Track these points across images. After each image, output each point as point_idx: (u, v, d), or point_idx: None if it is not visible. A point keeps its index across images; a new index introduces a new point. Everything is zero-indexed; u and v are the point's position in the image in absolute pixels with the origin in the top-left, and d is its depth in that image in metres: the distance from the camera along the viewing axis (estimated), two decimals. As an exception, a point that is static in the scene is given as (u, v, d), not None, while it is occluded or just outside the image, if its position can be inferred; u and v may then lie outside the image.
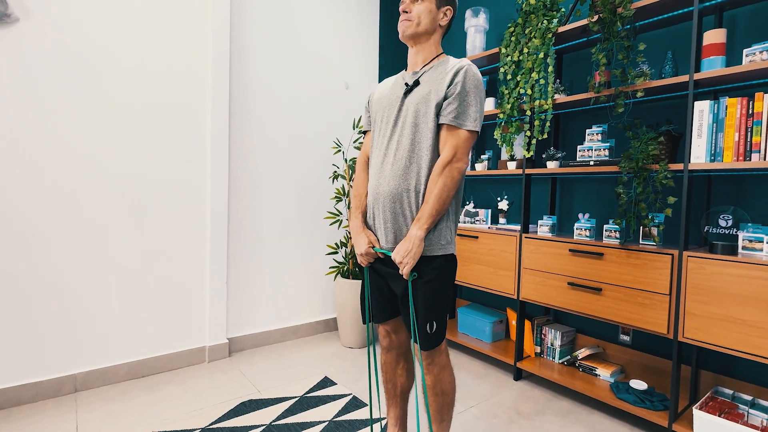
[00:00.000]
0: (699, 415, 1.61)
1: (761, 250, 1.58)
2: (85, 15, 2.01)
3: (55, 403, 1.93)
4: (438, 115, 1.27)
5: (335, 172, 2.76)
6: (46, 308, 1.95)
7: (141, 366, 2.21)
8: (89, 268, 2.06)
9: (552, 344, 2.30)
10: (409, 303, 1.28)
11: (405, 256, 1.22)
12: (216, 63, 2.39)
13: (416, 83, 1.32)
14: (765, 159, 1.52)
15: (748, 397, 1.72)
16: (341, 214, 2.81)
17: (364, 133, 1.54)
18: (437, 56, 1.37)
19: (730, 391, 1.76)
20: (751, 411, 1.64)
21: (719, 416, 1.61)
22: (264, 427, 1.77)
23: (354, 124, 2.85)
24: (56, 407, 1.90)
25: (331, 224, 2.70)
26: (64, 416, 1.83)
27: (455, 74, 1.27)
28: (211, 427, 1.76)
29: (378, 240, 1.36)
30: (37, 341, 1.94)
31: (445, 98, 1.26)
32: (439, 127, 1.28)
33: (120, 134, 2.13)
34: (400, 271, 1.25)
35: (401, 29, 1.34)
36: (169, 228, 2.29)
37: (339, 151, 2.87)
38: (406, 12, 1.32)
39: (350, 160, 2.83)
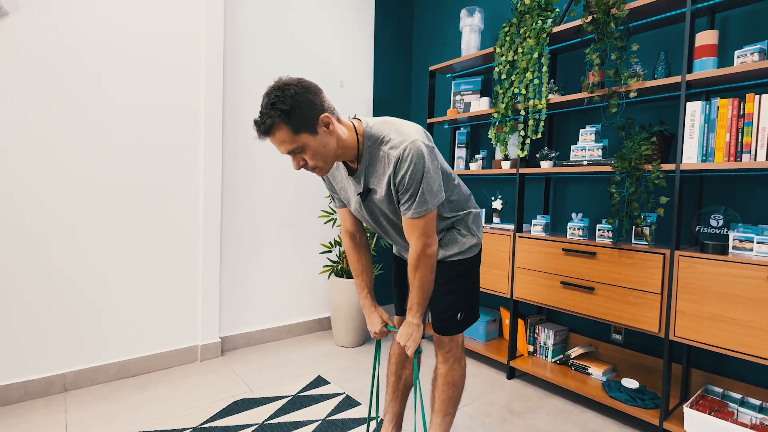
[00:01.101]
0: (689, 413, 1.62)
1: (751, 249, 1.59)
2: (81, 12, 1.98)
3: (45, 403, 1.90)
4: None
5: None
6: (34, 307, 1.93)
7: (132, 365, 2.19)
8: (79, 266, 2.04)
9: (545, 343, 2.31)
10: (415, 373, 1.35)
11: (407, 340, 1.29)
12: (209, 61, 2.37)
13: (367, 191, 1.24)
14: (755, 159, 1.53)
15: (738, 396, 1.73)
16: (335, 212, 2.80)
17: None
18: (358, 141, 1.19)
19: (720, 390, 1.77)
20: (740, 409, 1.66)
21: (709, 414, 1.62)
22: (256, 426, 1.76)
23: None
24: (45, 407, 1.87)
25: (325, 223, 2.69)
26: (53, 416, 1.80)
27: (394, 172, 1.15)
28: (202, 426, 1.74)
29: (397, 284, 1.51)
30: (25, 340, 1.91)
31: (398, 196, 1.20)
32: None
33: (112, 132, 2.10)
34: (406, 351, 1.31)
35: (318, 175, 1.23)
36: (161, 226, 2.27)
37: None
38: (304, 166, 1.15)
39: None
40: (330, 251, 2.73)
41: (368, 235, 2.70)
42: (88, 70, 2.03)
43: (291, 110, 1.05)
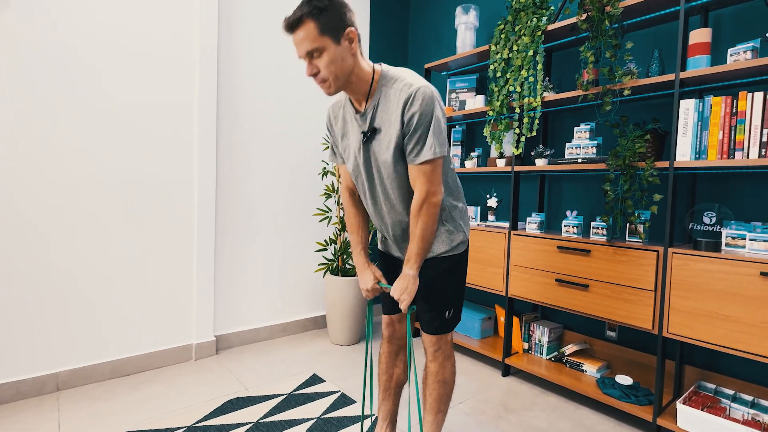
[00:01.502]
0: (682, 409, 1.63)
1: (744, 246, 1.60)
2: (79, 11, 1.96)
3: (37, 402, 1.89)
4: (404, 154, 1.24)
5: (324, 168, 2.74)
6: (27, 305, 1.91)
7: (125, 364, 2.18)
8: (73, 266, 2.02)
9: (540, 340, 2.32)
10: (408, 332, 1.33)
11: (402, 293, 1.27)
12: (203, 60, 2.35)
13: (373, 130, 1.23)
14: (748, 157, 1.54)
15: (730, 392, 1.75)
16: (330, 210, 2.80)
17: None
18: (373, 79, 1.21)
19: (713, 386, 1.79)
20: (732, 405, 1.67)
21: (702, 410, 1.63)
22: (251, 424, 1.75)
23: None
24: (38, 406, 1.86)
25: (320, 221, 2.69)
26: (46, 415, 1.79)
27: (404, 109, 1.16)
28: (197, 425, 1.74)
29: (395, 256, 1.45)
30: (17, 339, 1.90)
31: (404, 136, 1.19)
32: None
33: (105, 130, 2.09)
34: (399, 306, 1.30)
35: (324, 91, 1.19)
36: (154, 224, 2.25)
37: (328, 147, 2.84)
38: (316, 74, 1.15)
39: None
40: (325, 249, 2.72)
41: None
42: (86, 68, 2.01)
43: (324, 9, 1.09)
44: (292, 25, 1.10)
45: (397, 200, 1.30)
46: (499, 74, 2.25)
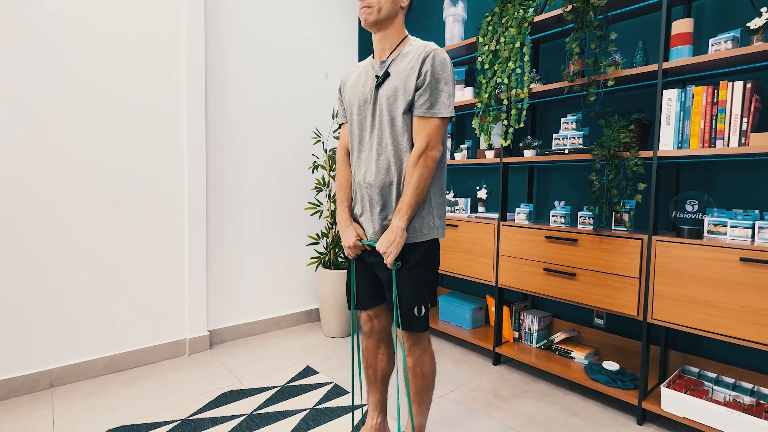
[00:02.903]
0: (667, 393, 1.68)
1: (725, 233, 1.64)
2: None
3: (31, 399, 1.90)
4: (411, 106, 1.28)
5: (315, 162, 2.75)
6: (19, 303, 1.91)
7: (119, 360, 2.19)
8: (63, 261, 2.02)
9: (529, 329, 2.36)
10: (393, 288, 1.31)
11: (389, 246, 1.27)
12: (190, 50, 2.34)
13: (386, 75, 1.30)
14: (728, 146, 1.57)
15: (713, 375, 1.79)
16: (321, 204, 2.81)
17: (341, 124, 1.54)
18: (402, 40, 1.34)
19: (697, 370, 1.83)
20: (715, 387, 1.72)
21: (685, 393, 1.68)
22: (245, 416, 1.77)
23: (333, 114, 2.84)
24: (31, 403, 1.87)
25: (311, 215, 2.70)
26: (39, 412, 1.80)
27: (423, 62, 1.25)
28: (191, 418, 1.76)
29: (365, 231, 1.39)
30: (10, 336, 1.90)
31: (416, 89, 1.25)
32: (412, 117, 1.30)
33: (94, 125, 2.08)
34: (385, 260, 1.29)
35: (363, 17, 1.29)
36: (145, 219, 2.25)
37: (319, 141, 2.85)
38: None
39: (330, 150, 2.82)
40: (317, 243, 2.74)
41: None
42: (74, 57, 1.99)
43: None
44: None
45: (385, 150, 1.31)
46: (486, 66, 2.27)
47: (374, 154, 1.34)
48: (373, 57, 1.40)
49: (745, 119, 1.54)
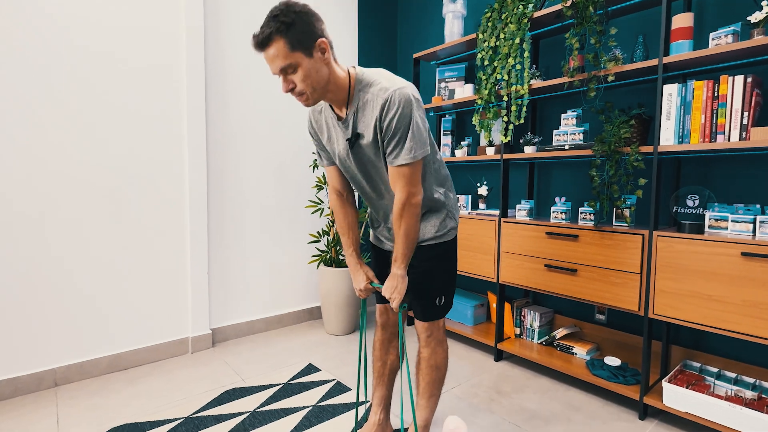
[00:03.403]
0: (668, 388, 1.68)
1: (726, 228, 1.64)
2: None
3: (35, 398, 1.91)
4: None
5: (315, 160, 2.75)
6: (23, 303, 1.92)
7: (122, 359, 2.20)
8: (66, 260, 2.03)
9: (531, 325, 2.36)
10: (400, 329, 1.35)
11: (393, 292, 1.31)
12: (189, 49, 2.34)
13: (356, 135, 1.24)
14: (729, 140, 1.57)
15: (715, 369, 1.80)
16: (323, 202, 2.81)
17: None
18: (350, 84, 1.20)
19: (698, 364, 1.83)
20: (717, 382, 1.72)
21: (687, 388, 1.68)
22: (248, 414, 1.78)
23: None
24: (36, 402, 1.88)
25: (312, 213, 2.70)
26: (44, 410, 1.81)
27: (381, 114, 1.16)
28: (194, 416, 1.77)
29: (386, 238, 1.47)
30: (14, 336, 1.91)
31: (383, 141, 1.20)
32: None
33: (94, 125, 2.08)
34: (391, 305, 1.33)
35: (303, 104, 1.18)
36: (147, 219, 2.26)
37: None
38: (292, 89, 1.14)
39: (330, 149, 2.81)
40: (318, 241, 2.74)
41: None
42: (74, 55, 1.99)
43: (291, 24, 1.06)
44: (262, 43, 1.08)
45: (386, 193, 1.35)
46: (486, 62, 2.26)
47: (375, 196, 1.38)
48: (331, 107, 1.29)
49: (745, 113, 1.54)
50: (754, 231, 1.59)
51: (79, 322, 2.08)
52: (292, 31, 1.06)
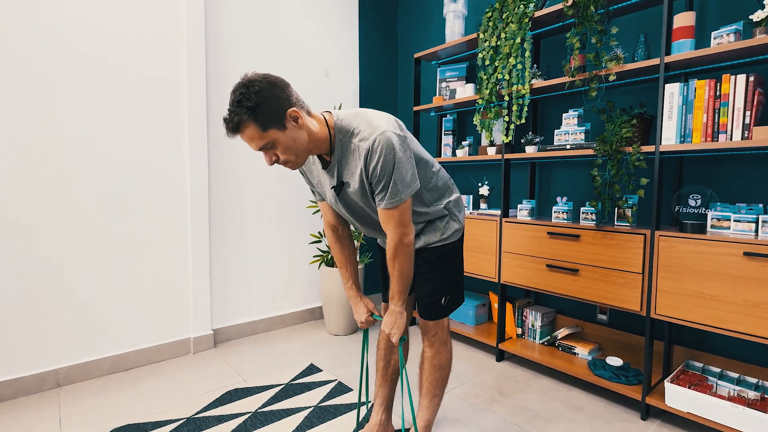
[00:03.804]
0: (670, 388, 1.67)
1: (728, 228, 1.63)
2: None
3: (38, 399, 1.91)
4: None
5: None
6: (25, 303, 1.93)
7: (124, 359, 2.20)
8: (70, 261, 2.03)
9: (533, 325, 2.35)
10: (400, 356, 1.34)
11: (391, 327, 1.31)
12: (190, 49, 2.34)
13: (342, 184, 1.25)
14: (731, 139, 1.57)
15: (717, 370, 1.79)
16: (324, 202, 2.81)
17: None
18: (331, 135, 1.20)
19: (701, 365, 1.83)
20: (719, 382, 1.71)
21: (689, 388, 1.67)
22: (249, 414, 1.78)
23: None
24: (38, 402, 1.88)
25: (313, 213, 2.70)
26: (46, 411, 1.82)
27: (366, 163, 1.16)
28: (196, 416, 1.77)
29: (381, 273, 1.51)
30: (16, 337, 1.91)
31: (371, 188, 1.21)
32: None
33: (97, 123, 2.08)
34: (390, 338, 1.34)
35: (290, 169, 1.22)
36: (149, 219, 2.26)
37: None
38: (276, 161, 1.15)
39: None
40: (319, 241, 2.74)
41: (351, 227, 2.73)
42: (75, 59, 2.00)
43: (257, 107, 1.05)
44: (234, 130, 1.08)
45: (376, 227, 1.36)
46: (487, 62, 2.26)
47: (369, 231, 1.40)
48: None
49: (748, 113, 1.53)
50: (756, 231, 1.59)
51: (81, 323, 2.08)
52: (259, 113, 1.06)
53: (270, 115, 1.07)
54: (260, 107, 1.05)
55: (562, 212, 2.09)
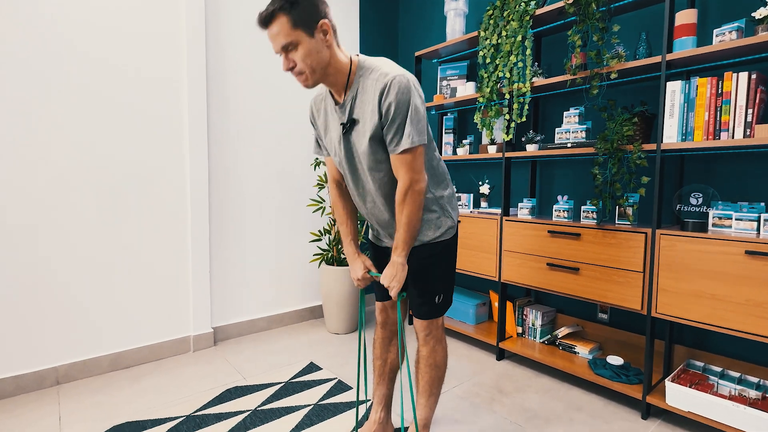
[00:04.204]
0: (671, 387, 1.67)
1: (730, 226, 1.63)
2: None
3: (38, 396, 1.92)
4: (385, 144, 1.24)
5: (317, 159, 2.75)
6: (26, 300, 1.93)
7: (124, 357, 2.20)
8: (70, 259, 2.03)
9: (533, 324, 2.35)
10: (398, 320, 1.34)
11: (391, 280, 1.29)
12: (191, 49, 2.34)
13: (352, 121, 1.24)
14: (733, 137, 1.56)
15: (718, 369, 1.78)
16: (324, 201, 2.81)
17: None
18: (351, 70, 1.21)
19: (702, 364, 1.82)
20: (720, 381, 1.71)
21: (690, 387, 1.67)
22: (249, 412, 1.78)
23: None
24: (38, 400, 1.89)
25: (314, 212, 2.70)
26: (46, 408, 1.82)
27: (380, 99, 1.16)
28: (196, 414, 1.77)
29: (388, 244, 1.45)
30: (16, 334, 1.92)
31: (383, 127, 1.20)
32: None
33: (97, 123, 2.08)
34: (390, 293, 1.31)
35: (302, 84, 1.19)
36: (149, 218, 2.26)
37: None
38: (292, 68, 1.15)
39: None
40: (320, 239, 2.74)
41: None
42: (73, 58, 1.99)
43: (296, 3, 1.09)
44: (265, 20, 1.11)
45: (376, 192, 1.32)
46: (488, 60, 2.25)
47: (362, 195, 1.37)
48: (330, 93, 1.30)
49: (750, 111, 1.52)
50: (758, 229, 1.58)
51: (81, 321, 2.08)
52: (295, 10, 1.09)
53: (303, 16, 1.10)
54: (299, 5, 1.10)
55: (563, 211, 2.08)
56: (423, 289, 1.38)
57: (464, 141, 2.67)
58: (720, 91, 1.59)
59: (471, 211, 2.52)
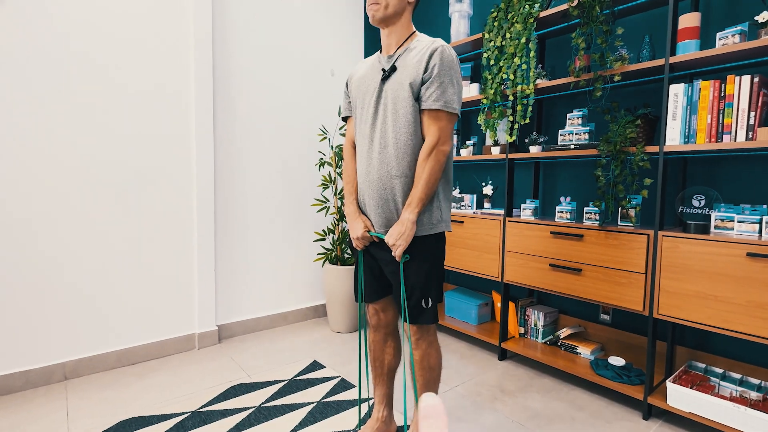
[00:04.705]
0: (672, 388, 1.68)
1: (732, 228, 1.63)
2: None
3: (46, 391, 1.95)
4: (417, 100, 1.29)
5: (321, 159, 2.77)
6: (34, 297, 1.96)
7: (131, 353, 2.23)
8: (78, 257, 2.06)
9: (535, 325, 2.36)
10: (401, 283, 1.33)
11: (398, 238, 1.27)
12: (198, 50, 2.37)
13: (393, 68, 1.32)
14: (735, 140, 1.57)
15: (720, 370, 1.79)
16: (328, 201, 2.83)
17: (346, 118, 1.55)
18: (410, 36, 1.37)
19: (703, 365, 1.83)
20: (722, 383, 1.71)
21: (691, 388, 1.68)
22: (253, 409, 1.80)
23: (339, 112, 2.85)
24: (46, 395, 1.92)
25: (318, 211, 2.72)
26: (54, 403, 1.85)
27: (430, 57, 1.26)
28: (201, 410, 1.79)
29: (373, 225, 1.41)
30: (26, 330, 1.95)
31: (423, 83, 1.27)
32: (420, 112, 1.31)
33: (105, 122, 2.11)
34: (393, 253, 1.30)
35: (370, 14, 1.32)
36: (156, 216, 2.29)
37: (325, 138, 2.87)
38: None
39: (336, 147, 2.84)
40: (323, 239, 2.76)
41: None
42: (77, 57, 2.03)
43: None
44: None
45: (394, 141, 1.30)
46: (492, 62, 2.27)
47: (376, 148, 1.34)
48: (381, 52, 1.42)
49: (752, 113, 1.53)
50: (760, 231, 1.59)
51: (88, 317, 2.11)
52: None
53: None
54: None
55: (566, 212, 2.10)
56: (410, 293, 1.35)
57: (468, 142, 2.69)
58: (723, 94, 1.60)
59: (474, 212, 2.53)
